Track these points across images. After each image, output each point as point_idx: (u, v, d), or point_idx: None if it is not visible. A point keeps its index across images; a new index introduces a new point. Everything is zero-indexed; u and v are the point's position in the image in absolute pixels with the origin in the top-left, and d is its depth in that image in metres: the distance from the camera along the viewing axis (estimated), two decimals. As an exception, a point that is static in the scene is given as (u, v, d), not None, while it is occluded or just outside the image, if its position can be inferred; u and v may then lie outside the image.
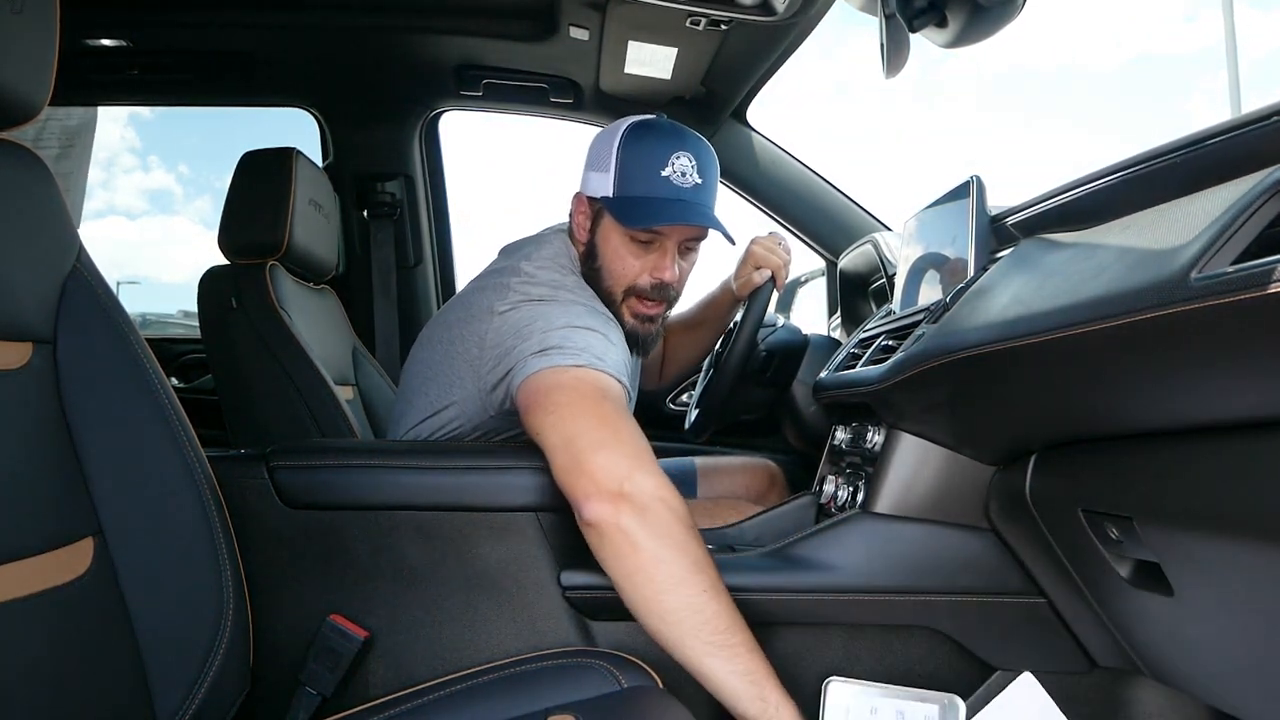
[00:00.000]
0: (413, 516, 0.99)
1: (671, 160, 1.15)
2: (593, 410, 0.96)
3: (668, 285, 1.21)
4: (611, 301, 1.21)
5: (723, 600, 0.87)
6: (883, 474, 1.01)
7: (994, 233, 1.02)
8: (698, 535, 0.90)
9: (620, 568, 0.88)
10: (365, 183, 2.15)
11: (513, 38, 1.78)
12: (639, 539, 0.87)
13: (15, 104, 0.73)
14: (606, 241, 1.20)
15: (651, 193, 1.15)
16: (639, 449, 0.94)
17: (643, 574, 0.87)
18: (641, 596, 0.87)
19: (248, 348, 1.51)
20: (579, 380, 0.99)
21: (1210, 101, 31.19)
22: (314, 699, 0.93)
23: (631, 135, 1.18)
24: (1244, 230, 0.53)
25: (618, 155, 1.17)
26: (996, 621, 0.97)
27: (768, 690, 0.84)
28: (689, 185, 1.15)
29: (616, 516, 0.88)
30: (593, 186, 1.21)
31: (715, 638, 0.85)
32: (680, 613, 0.85)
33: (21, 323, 0.74)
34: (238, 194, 1.59)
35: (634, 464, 0.91)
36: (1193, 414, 0.62)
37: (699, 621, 0.85)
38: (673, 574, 0.86)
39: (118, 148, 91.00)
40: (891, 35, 0.93)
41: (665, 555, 0.87)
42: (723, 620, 0.85)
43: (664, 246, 1.19)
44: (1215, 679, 0.77)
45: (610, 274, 1.20)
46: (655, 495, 0.90)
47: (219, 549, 0.83)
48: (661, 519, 0.88)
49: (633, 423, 0.98)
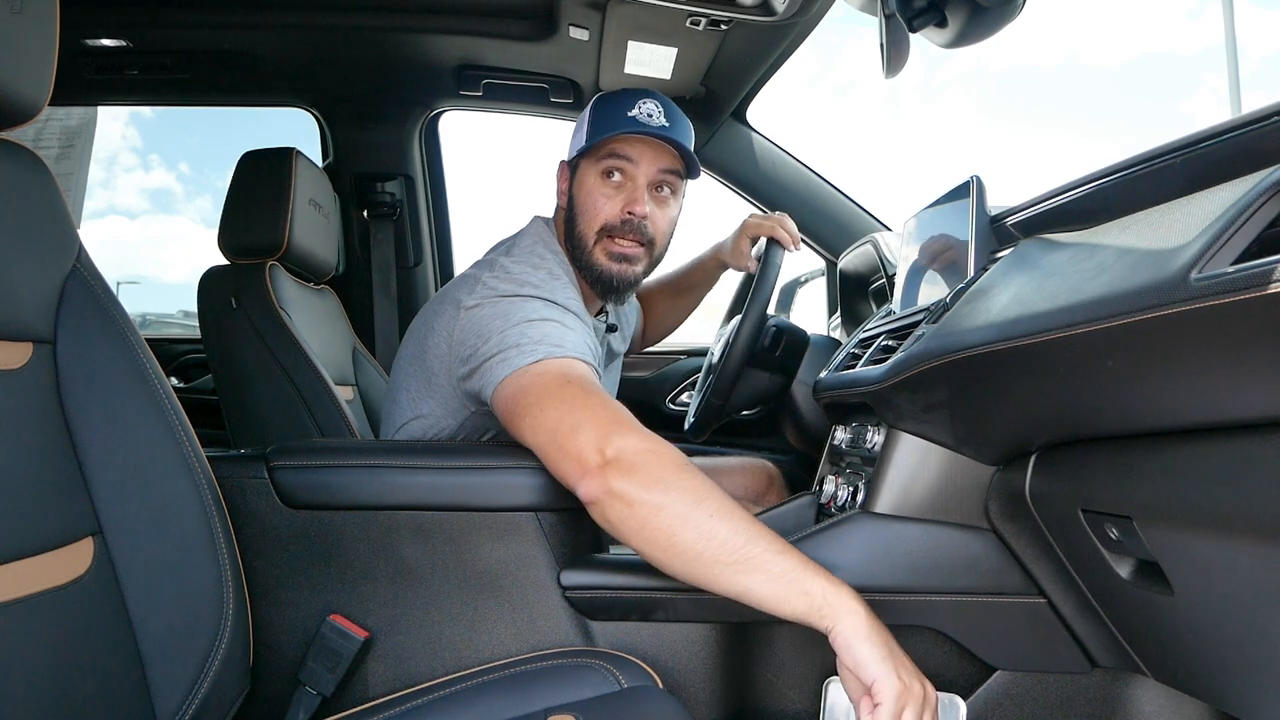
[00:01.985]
0: (412, 516, 0.99)
1: (638, 104, 1.22)
2: (559, 398, 0.98)
3: (641, 220, 1.23)
4: (585, 245, 1.24)
5: (733, 519, 0.86)
6: (883, 474, 1.01)
7: (994, 233, 1.02)
8: (692, 470, 0.90)
9: (627, 530, 0.88)
10: (365, 183, 2.15)
11: (513, 38, 1.78)
12: (633, 495, 0.88)
13: (15, 104, 0.73)
14: (581, 187, 1.26)
15: (618, 128, 1.21)
16: (611, 416, 0.95)
17: (648, 527, 0.87)
18: (657, 548, 0.87)
19: (247, 348, 1.51)
20: (540, 375, 1.01)
21: (1215, 100, 31.08)
22: (314, 699, 0.93)
23: (601, 97, 1.27)
24: (1244, 230, 0.53)
25: (590, 112, 1.26)
26: (996, 621, 0.97)
27: (808, 583, 0.83)
28: (656, 124, 1.21)
29: (606, 484, 0.89)
30: (570, 149, 1.29)
31: (736, 556, 0.84)
32: (695, 547, 0.85)
33: (21, 323, 0.74)
34: (238, 194, 1.59)
35: (609, 431, 0.92)
36: (1193, 414, 0.62)
37: (716, 548, 0.85)
38: (675, 514, 0.86)
39: (118, 147, 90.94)
40: (891, 35, 0.93)
41: (662, 501, 0.87)
42: (738, 538, 0.85)
43: (633, 178, 1.23)
44: (1215, 679, 0.77)
45: (584, 216, 1.25)
46: (638, 451, 0.90)
47: (219, 549, 0.83)
48: (650, 470, 0.89)
49: (601, 394, 0.99)
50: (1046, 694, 0.98)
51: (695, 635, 1.00)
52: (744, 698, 1.03)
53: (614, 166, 1.23)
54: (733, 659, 1.02)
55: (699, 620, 0.99)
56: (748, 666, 1.03)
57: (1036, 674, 0.98)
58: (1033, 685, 0.98)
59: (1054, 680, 0.98)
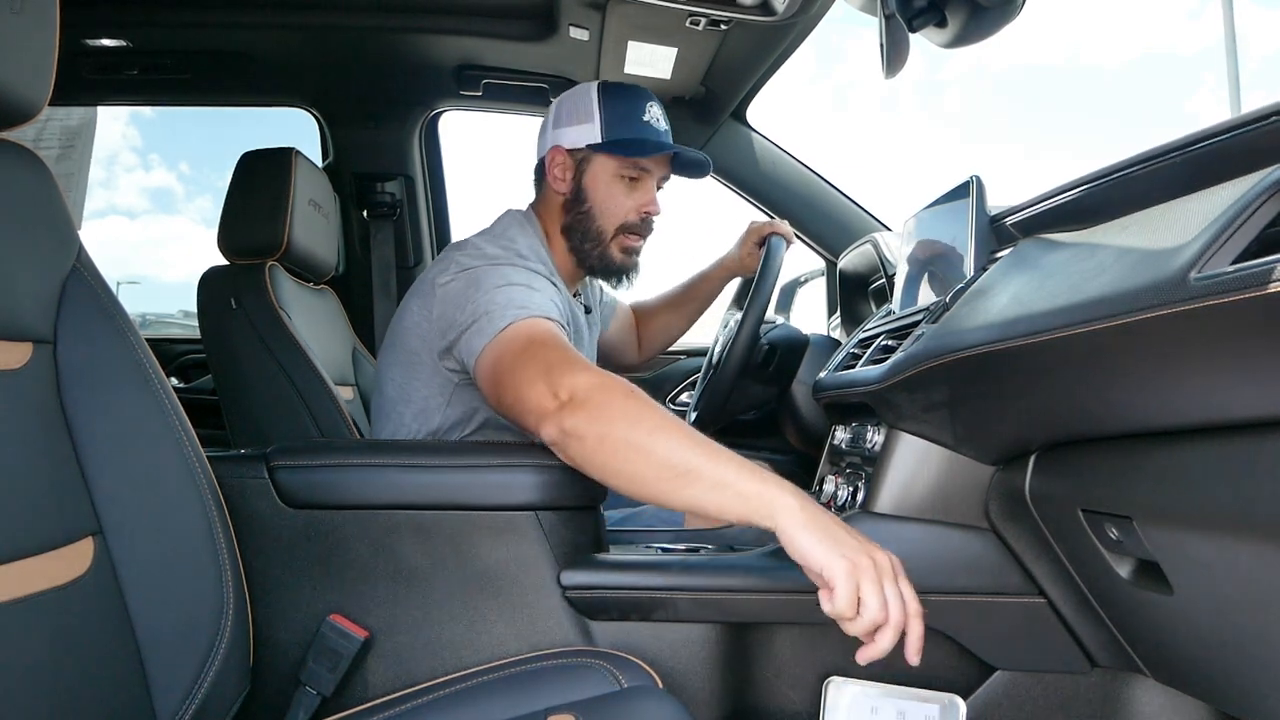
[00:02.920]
0: (413, 516, 0.99)
1: (647, 108, 1.32)
2: (521, 358, 1.03)
3: (653, 220, 1.35)
4: (601, 240, 1.32)
5: (670, 434, 0.87)
6: (882, 474, 1.01)
7: (994, 233, 1.02)
8: (635, 395, 0.92)
9: (586, 465, 0.91)
10: (365, 183, 2.14)
11: (513, 38, 1.78)
12: (583, 430, 0.90)
13: (15, 104, 0.73)
14: (596, 183, 1.31)
15: (640, 134, 1.30)
16: (559, 358, 0.99)
17: (599, 455, 0.90)
18: (612, 474, 0.90)
19: (247, 348, 1.51)
20: (509, 342, 1.06)
21: (1215, 100, 30.82)
22: (314, 699, 0.93)
23: (606, 90, 1.32)
24: (1243, 230, 0.53)
25: (599, 106, 1.31)
26: (996, 621, 0.97)
27: (743, 485, 0.83)
28: (664, 129, 1.33)
29: (560, 425, 0.92)
30: (573, 138, 1.32)
31: (677, 471, 0.85)
32: (641, 468, 0.87)
33: (21, 323, 0.74)
34: (237, 194, 1.59)
35: (558, 374, 0.96)
36: (1193, 414, 0.62)
37: (658, 466, 0.86)
38: (619, 440, 0.89)
39: (118, 146, 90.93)
40: (891, 35, 0.93)
41: (607, 430, 0.89)
42: (675, 452, 0.86)
43: (649, 183, 1.33)
44: (1215, 679, 0.77)
45: (602, 213, 1.31)
46: (588, 388, 0.93)
47: (219, 549, 0.83)
48: (598, 404, 0.91)
49: (557, 343, 1.04)
50: (1046, 694, 0.98)
51: (695, 635, 1.00)
52: (744, 698, 1.03)
53: (635, 175, 1.31)
54: (733, 659, 1.02)
55: (699, 620, 0.99)
56: (748, 666, 1.03)
57: (1036, 674, 0.98)
58: (1032, 685, 0.98)
59: (1054, 680, 0.98)
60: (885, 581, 0.77)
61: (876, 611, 0.75)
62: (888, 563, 0.79)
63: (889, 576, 0.77)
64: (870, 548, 0.79)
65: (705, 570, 1.00)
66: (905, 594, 0.77)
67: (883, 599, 0.76)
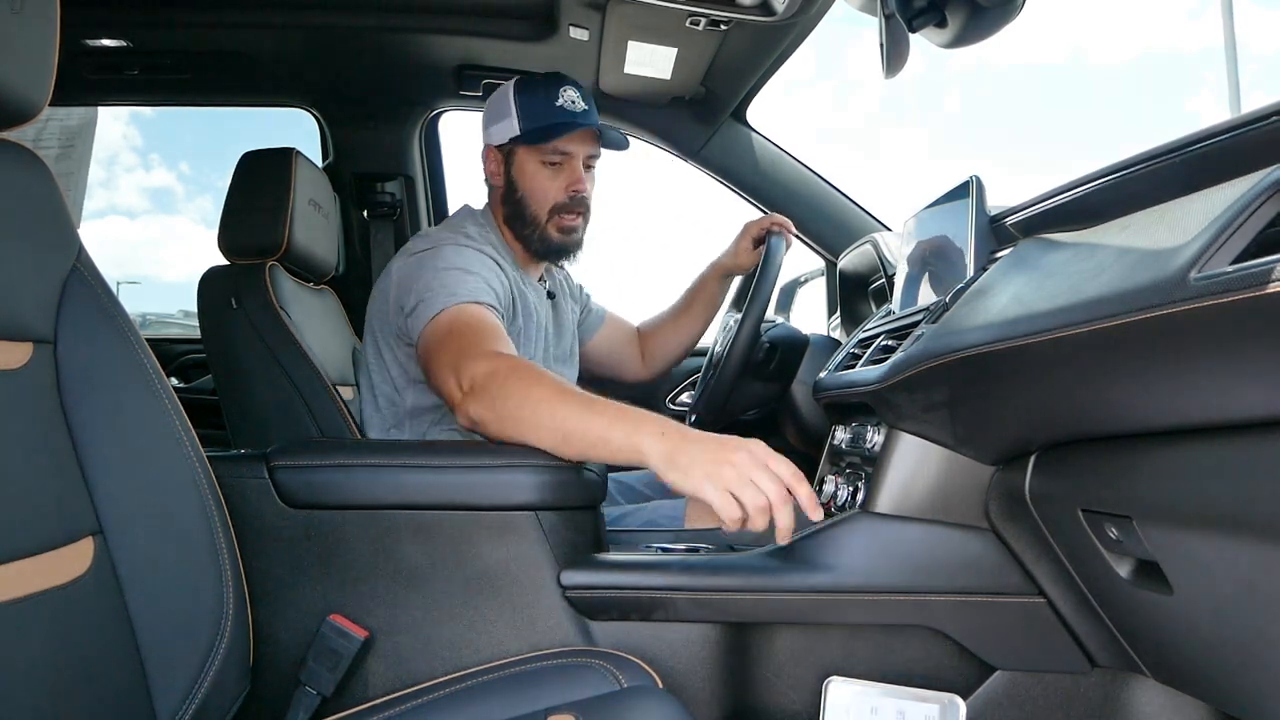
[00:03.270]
0: (413, 516, 0.99)
1: (560, 92, 1.39)
2: (440, 348, 1.14)
3: (584, 196, 1.43)
4: (538, 224, 1.41)
5: (551, 405, 0.97)
6: (882, 474, 1.01)
7: (994, 233, 1.02)
8: (523, 375, 1.02)
9: (498, 438, 1.02)
10: (365, 183, 2.14)
11: (513, 38, 1.78)
12: (485, 415, 1.02)
13: (15, 104, 0.73)
14: (523, 173, 1.41)
15: (553, 119, 1.37)
16: (466, 348, 1.09)
17: (504, 434, 1.01)
18: (521, 443, 1.00)
19: (247, 348, 1.51)
20: (434, 330, 1.17)
21: (1215, 99, 30.65)
22: (314, 699, 0.93)
23: (521, 85, 1.42)
24: (1243, 230, 0.53)
25: (515, 101, 1.40)
26: (996, 621, 0.97)
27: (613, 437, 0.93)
28: (580, 109, 1.39)
29: (467, 412, 1.04)
30: (498, 135, 1.42)
31: (563, 432, 0.96)
32: (536, 438, 0.98)
33: (21, 323, 0.74)
34: (237, 194, 1.59)
35: (463, 364, 1.06)
36: (1193, 414, 0.62)
37: (548, 434, 0.97)
38: (515, 418, 1.00)
39: (119, 146, 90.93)
40: (891, 35, 0.93)
41: (503, 411, 1.01)
42: (558, 421, 0.96)
43: (572, 163, 1.41)
44: (1215, 679, 0.77)
45: (533, 199, 1.41)
46: (484, 375, 1.03)
47: (219, 549, 0.83)
48: (493, 389, 1.02)
49: (471, 329, 1.14)
50: (1046, 694, 0.98)
51: (695, 635, 1.00)
52: (744, 698, 1.03)
53: (556, 159, 1.40)
54: (733, 659, 1.02)
55: (699, 620, 0.99)
56: (748, 666, 1.03)
57: (1036, 674, 0.98)
58: (1032, 685, 0.98)
59: (1054, 680, 0.98)
60: (754, 474, 0.85)
61: (756, 503, 0.84)
62: (747, 457, 0.86)
63: (756, 466, 0.86)
64: (727, 452, 0.87)
65: (705, 570, 1.00)
66: (778, 470, 0.86)
67: (756, 489, 0.85)
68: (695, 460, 0.87)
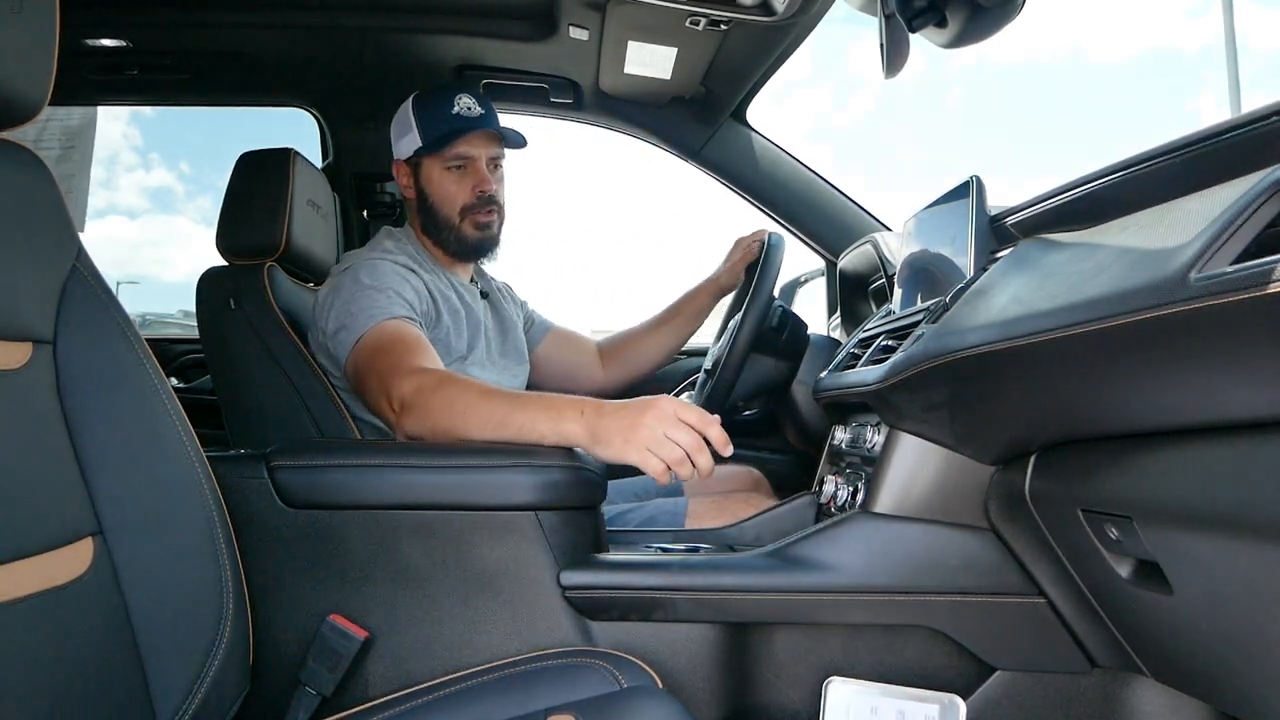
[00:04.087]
0: (413, 516, 0.99)
1: (455, 100, 1.46)
2: (367, 371, 1.21)
3: (491, 194, 1.48)
4: (451, 226, 1.48)
5: (478, 409, 1.04)
6: (882, 474, 1.01)
7: (993, 233, 1.02)
8: (446, 386, 1.08)
9: (438, 446, 1.06)
10: (365, 183, 2.14)
11: (513, 38, 1.78)
12: (419, 430, 1.08)
13: (15, 104, 0.73)
14: (430, 181, 1.49)
15: (450, 126, 1.45)
16: (389, 369, 1.15)
17: (443, 441, 1.06)
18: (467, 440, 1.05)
19: (246, 348, 1.50)
20: (360, 351, 1.24)
21: (1218, 99, 30.37)
22: (314, 699, 0.93)
23: (418, 99, 1.50)
24: (1243, 230, 0.53)
25: (414, 115, 1.48)
26: (996, 621, 0.97)
27: (541, 427, 1.00)
28: (476, 114, 1.46)
29: (404, 429, 1.10)
30: (403, 149, 1.50)
31: (498, 430, 1.02)
32: (474, 438, 1.04)
33: (21, 323, 0.74)
34: (235, 195, 1.59)
35: (390, 386, 1.13)
36: (1193, 414, 0.62)
37: (481, 434, 1.03)
38: (445, 429, 1.06)
39: (119, 146, 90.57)
40: (891, 35, 0.93)
41: (435, 424, 1.07)
42: (487, 422, 1.03)
43: (476, 165, 1.47)
44: (1215, 679, 0.77)
45: (443, 204, 1.48)
46: (412, 393, 1.09)
47: (219, 549, 0.83)
48: (421, 405, 1.08)
49: (394, 347, 1.20)
50: (1046, 694, 0.98)
51: (695, 635, 1.00)
52: (744, 698, 1.03)
53: (458, 164, 1.47)
54: (733, 659, 1.02)
55: (699, 620, 0.99)
56: (748, 666, 1.03)
57: (1036, 674, 0.98)
58: (1032, 685, 0.98)
59: (1054, 680, 0.98)
60: (666, 429, 0.94)
61: (674, 456, 0.95)
62: (656, 414, 0.95)
63: (666, 421, 0.95)
64: (637, 415, 0.95)
65: (705, 570, 1.00)
66: (687, 419, 0.95)
67: (671, 444, 0.94)
68: (613, 431, 0.96)
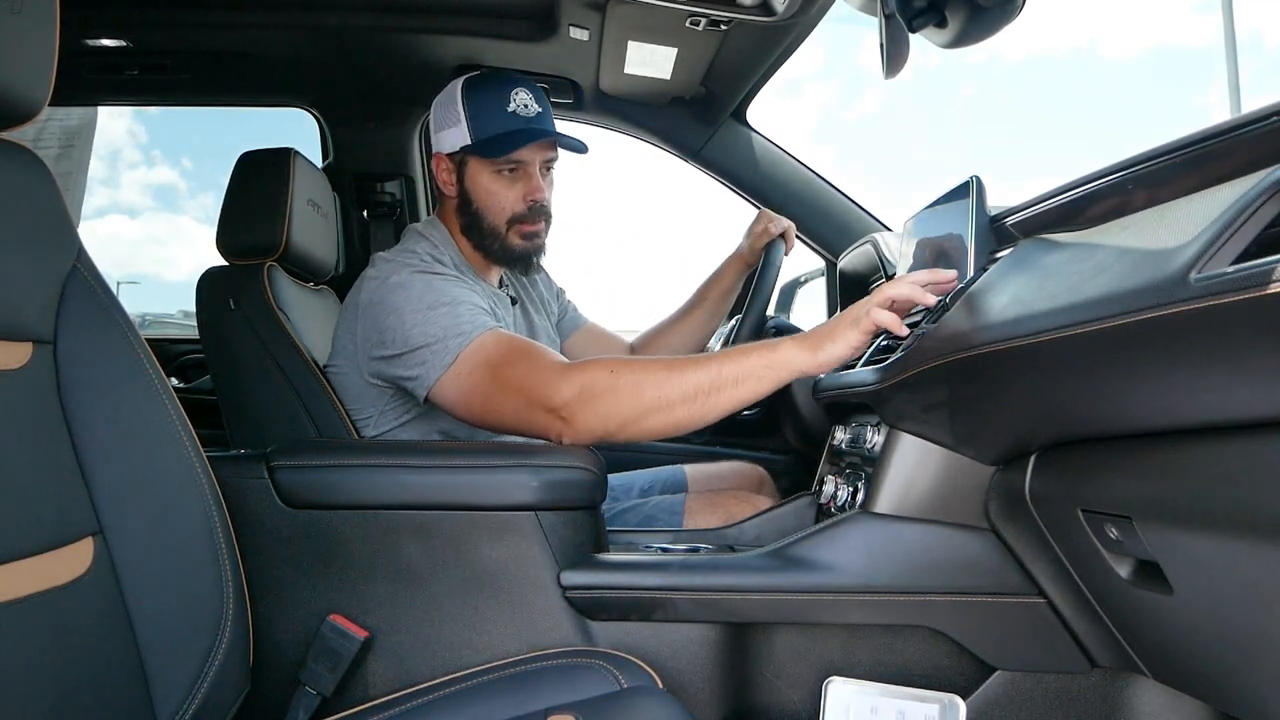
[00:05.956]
0: (413, 516, 0.99)
1: (512, 96, 1.31)
2: (495, 391, 1.10)
3: (544, 204, 1.35)
4: (497, 235, 1.34)
5: (670, 377, 1.01)
6: (882, 474, 1.01)
7: (994, 233, 1.02)
8: (618, 370, 1.03)
9: (630, 442, 1.05)
10: (365, 183, 2.14)
11: (513, 38, 1.78)
12: (602, 428, 1.03)
13: (15, 104, 0.73)
14: (476, 184, 1.33)
15: (505, 127, 1.30)
16: (529, 377, 1.07)
17: (634, 433, 1.03)
18: (658, 433, 1.03)
19: (246, 349, 1.50)
20: (469, 375, 1.12)
21: (1225, 96, 30.27)
22: (314, 699, 0.93)
23: (470, 87, 1.33)
24: (1244, 230, 0.53)
25: (464, 107, 1.32)
26: (996, 621, 0.97)
27: (757, 368, 1.00)
28: (533, 114, 1.32)
29: (578, 436, 1.04)
30: (448, 143, 1.34)
31: (700, 397, 1.00)
32: (673, 417, 1.01)
33: (21, 323, 0.74)
34: (235, 195, 1.58)
35: (541, 395, 1.05)
36: (1193, 414, 0.62)
37: (684, 405, 1.01)
38: (636, 414, 1.01)
39: (122, 142, 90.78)
40: (891, 35, 0.93)
41: (621, 413, 1.02)
42: (689, 386, 1.00)
43: (528, 171, 1.33)
44: (1215, 679, 0.77)
45: (490, 211, 1.34)
46: (576, 394, 1.03)
47: (219, 549, 0.83)
48: (596, 402, 1.02)
49: (514, 355, 1.10)
50: (1046, 694, 0.98)
51: (695, 635, 1.00)
52: (744, 698, 1.03)
53: (509, 167, 1.32)
54: (733, 659, 1.02)
55: (699, 620, 0.99)
56: (748, 666, 1.03)
57: (1036, 674, 0.98)
58: (1032, 685, 0.98)
59: (1054, 680, 0.98)
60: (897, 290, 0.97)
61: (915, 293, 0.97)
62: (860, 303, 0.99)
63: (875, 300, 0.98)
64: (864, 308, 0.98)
65: (705, 570, 1.00)
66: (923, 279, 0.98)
67: (905, 292, 0.97)
68: (830, 327, 0.99)
